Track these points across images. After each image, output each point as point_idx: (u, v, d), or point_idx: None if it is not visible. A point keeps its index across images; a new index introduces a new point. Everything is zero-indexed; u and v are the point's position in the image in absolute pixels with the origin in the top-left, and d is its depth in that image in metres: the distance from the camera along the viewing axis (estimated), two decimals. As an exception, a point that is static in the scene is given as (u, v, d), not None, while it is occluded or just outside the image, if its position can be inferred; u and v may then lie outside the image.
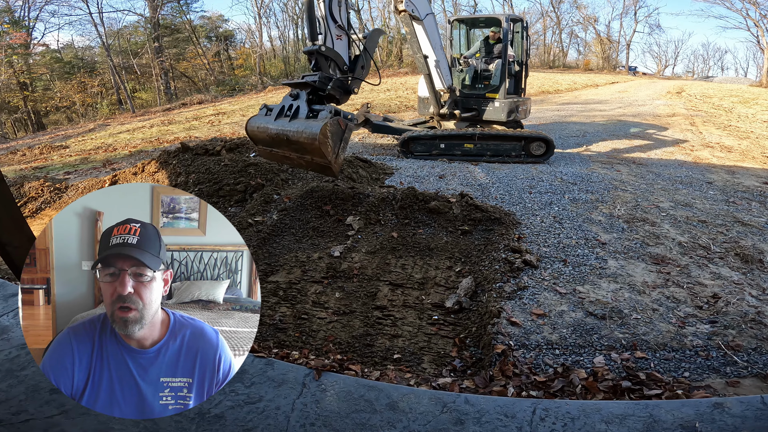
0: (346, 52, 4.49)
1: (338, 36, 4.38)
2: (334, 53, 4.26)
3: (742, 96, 20.57)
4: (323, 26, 4.27)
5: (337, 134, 3.72)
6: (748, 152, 9.10)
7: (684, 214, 5.29)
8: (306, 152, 3.87)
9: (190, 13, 36.88)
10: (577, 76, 34.65)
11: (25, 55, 31.01)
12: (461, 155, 8.18)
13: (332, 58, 4.24)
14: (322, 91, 4.14)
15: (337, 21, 4.33)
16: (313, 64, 4.24)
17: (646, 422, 2.09)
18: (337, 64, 4.30)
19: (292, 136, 3.86)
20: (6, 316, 3.03)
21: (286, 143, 3.98)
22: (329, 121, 3.65)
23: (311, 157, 3.87)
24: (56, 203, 7.13)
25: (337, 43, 4.36)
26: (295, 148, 3.93)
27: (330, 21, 4.28)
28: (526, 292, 3.60)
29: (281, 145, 4.05)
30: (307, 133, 3.74)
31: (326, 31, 4.29)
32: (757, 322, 3.15)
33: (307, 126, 3.78)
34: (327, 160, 3.73)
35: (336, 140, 3.73)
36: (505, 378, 2.62)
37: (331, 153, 3.70)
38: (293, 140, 3.86)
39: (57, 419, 2.12)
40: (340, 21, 4.38)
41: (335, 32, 4.33)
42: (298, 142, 3.83)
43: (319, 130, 3.60)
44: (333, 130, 3.68)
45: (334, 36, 4.34)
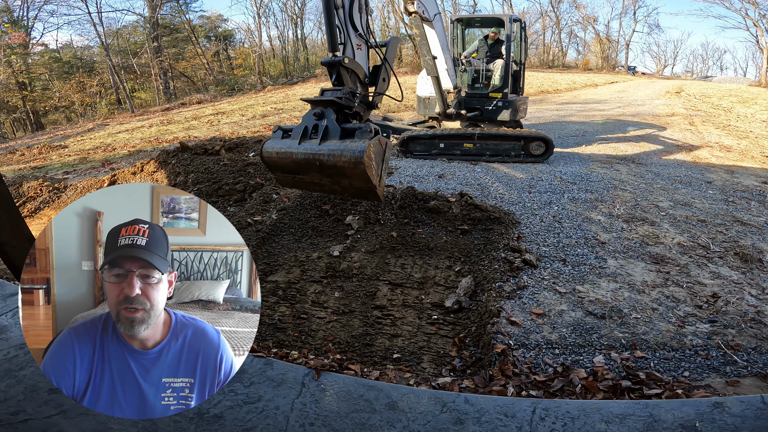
0: (366, 62, 4.14)
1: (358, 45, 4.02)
2: (356, 65, 3.92)
3: (741, 96, 20.59)
4: (343, 35, 3.90)
5: (379, 155, 3.36)
6: (747, 152, 9.10)
7: (683, 214, 5.29)
8: (344, 177, 3.45)
9: (189, 13, 36.92)
10: (577, 76, 34.68)
11: (24, 55, 30.95)
12: (461, 155, 8.17)
13: (354, 71, 3.91)
14: (348, 108, 3.78)
15: (357, 29, 3.98)
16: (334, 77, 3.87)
17: (646, 422, 2.09)
18: (358, 76, 3.96)
19: (328, 160, 3.42)
20: (5, 316, 3.02)
21: (317, 168, 3.54)
22: (373, 141, 3.28)
23: (349, 181, 3.45)
24: (55, 203, 7.12)
25: (358, 53, 4.02)
26: (331, 173, 3.50)
27: (350, 29, 3.93)
28: (526, 292, 3.60)
29: (310, 170, 3.61)
30: (348, 156, 3.30)
31: (347, 40, 3.91)
32: (756, 322, 3.15)
33: (345, 148, 3.34)
34: (371, 184, 3.32)
35: (379, 161, 3.36)
36: (505, 378, 2.62)
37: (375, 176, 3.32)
38: (328, 164, 3.43)
39: (55, 419, 2.12)
40: (361, 29, 4.03)
41: (355, 41, 3.98)
42: (336, 167, 3.41)
43: (364, 152, 3.19)
44: (376, 150, 3.31)
45: (355, 45, 3.98)
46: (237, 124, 15.67)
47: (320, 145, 3.48)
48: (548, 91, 24.65)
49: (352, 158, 3.27)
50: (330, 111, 3.61)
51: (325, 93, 3.81)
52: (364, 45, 4.09)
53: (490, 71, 8.70)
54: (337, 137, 3.46)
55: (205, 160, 6.89)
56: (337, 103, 3.65)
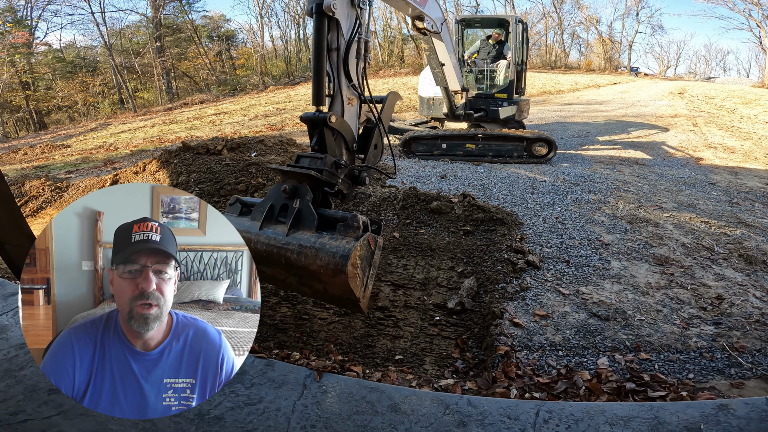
0: (356, 122, 3.29)
1: (349, 100, 3.18)
2: (345, 126, 3.10)
3: (744, 97, 20.53)
4: (333, 85, 3.11)
5: (366, 259, 2.55)
6: (750, 153, 9.07)
7: (687, 215, 5.27)
8: (318, 282, 2.61)
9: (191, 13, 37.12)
10: (579, 77, 34.63)
11: (28, 55, 31.10)
12: (463, 155, 8.17)
13: (341, 132, 3.09)
14: (329, 185, 2.94)
15: (352, 79, 3.13)
16: (315, 140, 3.03)
17: (651, 424, 2.07)
18: (345, 140, 3.14)
19: (297, 259, 2.59)
20: (5, 316, 3.01)
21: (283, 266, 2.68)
22: (360, 241, 2.47)
23: (324, 287, 2.62)
24: (57, 202, 7.12)
25: (348, 109, 3.17)
26: (301, 274, 2.66)
27: (342, 78, 3.10)
28: (529, 293, 3.58)
29: (272, 265, 2.72)
30: (325, 259, 2.48)
31: (336, 91, 3.11)
32: (761, 324, 3.13)
33: (322, 247, 2.51)
34: (354, 297, 2.51)
35: (365, 267, 2.54)
36: (508, 379, 2.60)
37: (359, 287, 2.50)
38: (297, 265, 2.61)
39: (55, 419, 2.11)
40: (356, 79, 3.18)
41: (347, 94, 3.14)
42: (307, 269, 2.58)
43: (348, 258, 2.39)
44: (363, 254, 2.50)
45: (346, 100, 3.14)
46: (239, 124, 15.70)
47: (288, 236, 2.65)
48: (551, 92, 24.63)
49: (330, 263, 2.47)
50: (305, 189, 2.77)
51: (301, 160, 2.99)
52: (357, 100, 3.27)
53: (495, 72, 8.69)
54: (313, 228, 2.65)
55: (207, 160, 6.88)
56: (316, 179, 2.81)
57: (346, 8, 2.99)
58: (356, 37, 3.09)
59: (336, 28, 2.98)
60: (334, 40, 3.01)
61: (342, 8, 2.94)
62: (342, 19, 2.96)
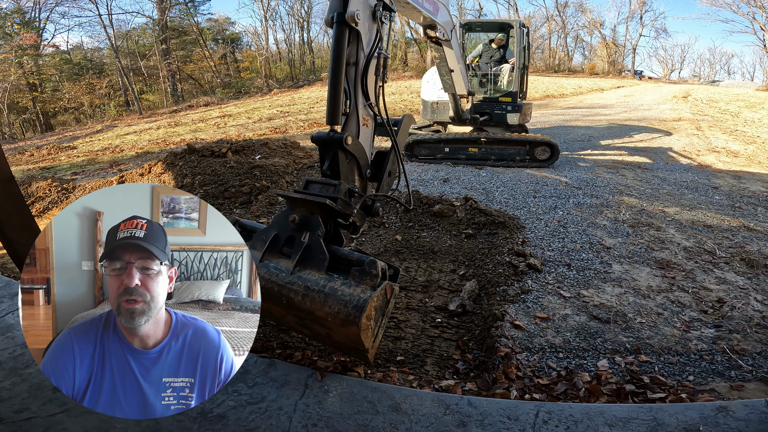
0: (370, 145, 2.98)
1: (365, 121, 2.88)
2: (359, 149, 2.77)
3: (748, 100, 20.46)
4: (350, 103, 2.80)
5: (381, 310, 2.28)
6: (754, 157, 9.04)
7: (689, 219, 5.26)
8: (322, 327, 2.33)
9: (197, 16, 37.30)
10: (582, 81, 34.61)
11: (35, 56, 31.33)
12: (465, 159, 8.18)
13: (356, 156, 2.75)
14: (342, 216, 2.61)
15: (369, 98, 2.87)
16: (327, 164, 2.71)
17: (650, 425, 2.08)
18: (359, 165, 2.81)
19: (302, 302, 2.32)
20: (11, 315, 3.05)
21: (283, 305, 2.40)
22: (377, 292, 2.19)
23: (328, 333, 2.33)
24: (63, 203, 7.17)
25: (363, 131, 2.87)
26: (304, 317, 2.38)
27: (359, 97, 2.81)
28: (530, 296, 3.59)
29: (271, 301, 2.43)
30: (335, 308, 2.21)
31: (353, 110, 2.79)
32: (762, 327, 3.13)
33: (333, 293, 2.24)
34: (363, 348, 2.23)
35: (379, 318, 2.28)
36: (508, 381, 2.61)
37: (369, 338, 2.24)
38: (302, 308, 2.33)
39: (59, 417, 2.13)
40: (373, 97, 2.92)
41: (362, 114, 2.84)
42: (312, 314, 2.31)
43: (363, 311, 2.13)
44: (379, 305, 2.24)
45: (362, 120, 2.84)
46: (243, 127, 15.77)
47: (294, 275, 2.36)
48: (554, 96, 24.62)
49: (341, 313, 2.19)
50: (317, 221, 2.45)
51: (310, 186, 2.64)
52: (372, 121, 2.97)
53: (498, 76, 8.71)
54: (323, 268, 2.35)
55: (211, 162, 6.92)
56: (330, 209, 2.46)
57: (368, 21, 2.79)
58: (376, 53, 2.86)
59: (357, 40, 2.75)
60: (353, 53, 2.76)
61: (364, 20, 2.73)
62: (363, 32, 2.75)
